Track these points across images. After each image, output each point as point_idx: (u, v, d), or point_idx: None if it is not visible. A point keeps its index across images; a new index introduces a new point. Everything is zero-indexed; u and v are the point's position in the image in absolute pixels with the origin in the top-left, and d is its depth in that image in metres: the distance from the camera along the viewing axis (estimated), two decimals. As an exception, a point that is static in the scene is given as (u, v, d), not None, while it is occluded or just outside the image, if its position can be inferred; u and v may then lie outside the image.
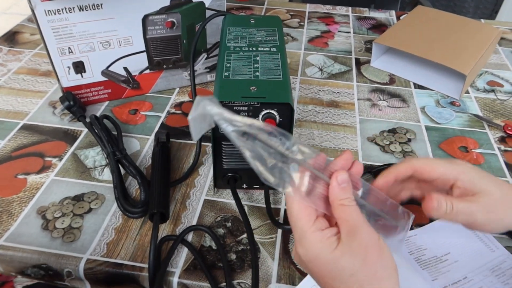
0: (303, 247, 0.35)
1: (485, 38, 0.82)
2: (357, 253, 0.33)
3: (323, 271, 0.34)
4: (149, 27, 0.66)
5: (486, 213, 0.39)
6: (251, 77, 0.51)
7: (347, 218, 0.34)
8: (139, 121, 0.68)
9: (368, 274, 0.33)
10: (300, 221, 0.35)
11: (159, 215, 0.50)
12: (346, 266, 0.33)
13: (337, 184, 0.35)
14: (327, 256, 0.33)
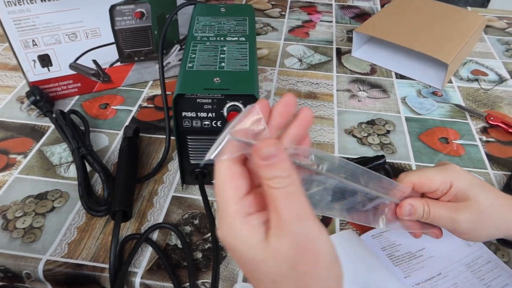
0: (222, 229, 0.27)
1: (469, 26, 0.80)
2: (284, 258, 0.25)
3: (241, 261, 0.27)
4: (117, 18, 0.64)
5: (470, 223, 0.38)
6: (216, 68, 0.48)
7: (279, 207, 0.25)
8: (109, 115, 0.66)
9: (297, 285, 0.26)
10: (223, 193, 0.27)
11: (121, 213, 0.48)
12: (269, 271, 0.26)
13: (260, 160, 0.25)
14: (247, 251, 0.26)
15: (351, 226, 0.51)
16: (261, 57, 0.79)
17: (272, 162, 0.25)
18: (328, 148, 0.61)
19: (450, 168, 0.40)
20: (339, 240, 0.47)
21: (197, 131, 0.48)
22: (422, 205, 0.39)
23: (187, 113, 0.47)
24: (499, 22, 0.94)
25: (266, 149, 0.25)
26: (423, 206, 0.39)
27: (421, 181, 0.40)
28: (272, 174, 0.25)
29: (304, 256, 0.25)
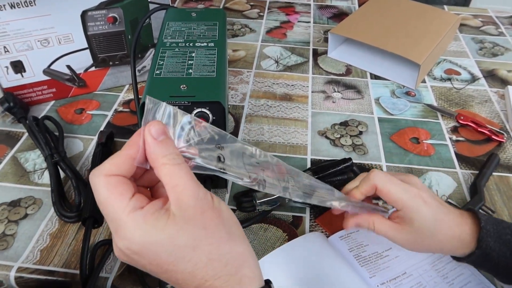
0: (124, 238, 0.27)
1: (443, 25, 0.81)
2: (194, 222, 0.27)
3: (158, 258, 0.28)
4: (90, 23, 0.64)
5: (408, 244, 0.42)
6: (183, 74, 0.49)
7: (175, 181, 0.28)
8: (85, 120, 0.66)
9: (212, 241, 0.28)
10: (110, 206, 0.28)
11: (92, 220, 0.49)
12: (185, 241, 0.27)
13: (152, 138, 0.28)
14: (158, 237, 0.27)
15: (320, 227, 0.52)
16: (238, 59, 0.80)
17: (164, 139, 0.28)
18: (301, 150, 0.61)
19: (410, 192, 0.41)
20: (306, 242, 0.48)
21: (166, 137, 0.49)
22: (367, 223, 0.43)
23: (155, 120, 0.48)
24: (474, 21, 0.96)
25: (157, 127, 0.28)
26: (368, 224, 0.43)
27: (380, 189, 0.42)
28: (166, 151, 0.28)
29: (210, 214, 0.28)
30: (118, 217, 0.27)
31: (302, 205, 0.53)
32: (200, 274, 0.28)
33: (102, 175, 0.28)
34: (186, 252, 0.27)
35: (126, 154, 0.29)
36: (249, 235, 0.51)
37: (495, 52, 0.85)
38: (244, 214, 0.53)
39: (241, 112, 0.68)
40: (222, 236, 0.29)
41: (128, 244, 0.27)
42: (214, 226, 0.28)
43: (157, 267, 0.28)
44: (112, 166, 0.28)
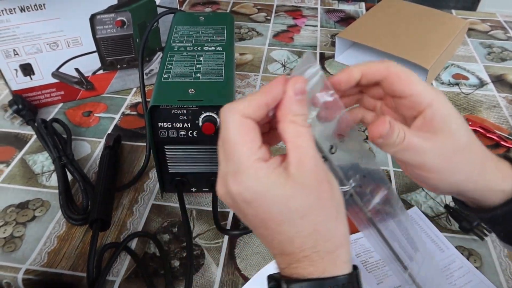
0: (240, 183, 0.27)
1: (451, 30, 0.81)
2: (311, 190, 0.27)
3: (267, 213, 0.27)
4: (98, 27, 0.64)
5: (440, 158, 0.31)
6: (191, 78, 0.49)
7: (299, 142, 0.27)
8: (92, 123, 0.67)
9: (322, 214, 0.27)
10: (239, 149, 0.27)
11: (99, 222, 0.49)
12: (298, 206, 0.27)
13: (293, 93, 0.27)
14: (276, 194, 0.26)
15: (327, 232, 0.51)
16: (245, 62, 0.80)
17: (301, 99, 0.28)
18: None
19: (435, 89, 0.32)
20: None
21: (174, 141, 0.49)
22: (398, 128, 0.30)
23: (163, 123, 0.48)
24: (483, 25, 0.95)
25: (301, 85, 0.28)
26: (398, 129, 0.30)
27: (399, 76, 0.31)
28: (300, 110, 0.27)
29: (324, 186, 0.27)
30: (243, 162, 0.27)
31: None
32: (299, 242, 0.27)
33: (238, 114, 0.27)
34: (295, 216, 0.27)
35: (263, 100, 0.28)
36: (256, 240, 0.50)
37: (503, 57, 0.85)
38: (250, 218, 0.53)
39: (248, 116, 0.68)
40: (331, 212, 0.28)
41: (242, 190, 0.27)
42: (327, 199, 0.28)
43: (261, 221, 0.28)
44: (249, 109, 0.28)
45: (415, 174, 0.33)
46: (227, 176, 0.28)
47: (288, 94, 0.28)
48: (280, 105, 0.28)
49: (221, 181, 0.29)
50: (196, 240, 0.51)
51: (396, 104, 0.33)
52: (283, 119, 0.28)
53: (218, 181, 0.29)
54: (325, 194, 0.27)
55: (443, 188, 0.34)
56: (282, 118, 0.28)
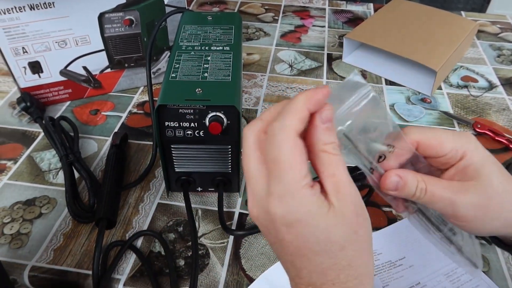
0: (285, 206, 0.26)
1: (460, 32, 0.80)
2: (350, 222, 0.26)
3: (306, 241, 0.26)
4: (106, 25, 0.65)
5: (475, 209, 0.30)
6: (198, 78, 0.49)
7: (332, 171, 0.27)
8: (99, 121, 0.67)
9: (357, 248, 0.27)
10: (291, 171, 0.26)
11: (105, 221, 0.49)
12: (339, 238, 0.26)
13: (321, 122, 0.27)
14: (318, 223, 0.26)
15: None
16: (252, 62, 0.80)
17: (329, 127, 0.27)
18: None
19: (466, 136, 0.32)
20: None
21: (180, 140, 0.49)
22: (416, 180, 0.30)
23: (170, 123, 0.48)
24: (492, 27, 0.94)
25: (329, 112, 0.27)
26: (416, 181, 0.30)
27: (429, 141, 0.31)
28: (329, 139, 0.27)
29: (361, 218, 0.27)
30: (293, 185, 0.26)
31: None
32: (332, 275, 0.27)
33: (294, 133, 0.26)
34: (333, 248, 0.26)
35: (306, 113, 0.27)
36: (261, 240, 0.50)
37: (513, 59, 0.84)
38: (256, 219, 0.53)
39: (255, 116, 0.68)
40: (366, 247, 0.28)
41: (286, 214, 0.26)
42: (363, 233, 0.27)
43: (296, 248, 0.27)
44: (300, 125, 0.27)
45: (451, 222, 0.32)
46: (270, 197, 0.27)
47: (315, 124, 0.27)
48: (308, 134, 0.27)
49: (258, 201, 0.27)
50: (201, 239, 0.51)
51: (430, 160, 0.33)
52: (312, 149, 0.27)
53: (252, 199, 0.28)
54: (361, 227, 0.27)
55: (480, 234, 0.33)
56: (311, 149, 0.27)
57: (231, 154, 0.50)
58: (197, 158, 0.51)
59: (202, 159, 0.51)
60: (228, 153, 0.50)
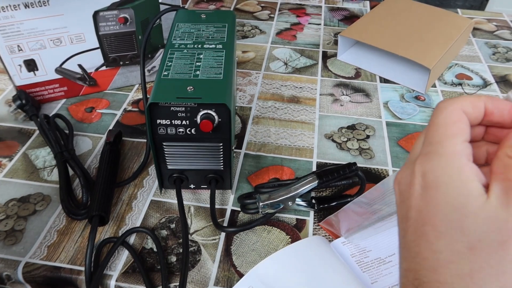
0: (429, 162, 0.24)
1: (455, 30, 0.80)
2: (503, 227, 0.21)
3: (434, 214, 0.23)
4: (101, 24, 0.65)
5: None
6: (190, 76, 0.49)
7: (510, 176, 0.22)
8: (94, 119, 0.67)
9: (492, 264, 0.22)
10: (444, 130, 0.24)
11: (98, 218, 0.49)
12: (472, 231, 0.22)
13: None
14: (459, 194, 0.22)
15: (324, 231, 0.52)
16: (247, 60, 0.80)
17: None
18: (307, 153, 0.61)
19: None
20: (309, 245, 0.48)
21: (172, 138, 0.50)
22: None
23: (162, 120, 0.48)
24: (488, 25, 0.94)
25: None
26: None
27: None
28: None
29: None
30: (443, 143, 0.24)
31: (306, 209, 0.53)
32: (443, 277, 0.23)
33: (457, 105, 0.25)
34: (462, 239, 0.22)
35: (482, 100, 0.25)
36: (252, 237, 0.51)
37: (509, 57, 0.84)
38: (248, 215, 0.53)
39: (249, 113, 0.68)
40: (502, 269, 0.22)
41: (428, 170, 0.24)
42: (506, 255, 0.22)
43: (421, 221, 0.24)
44: (467, 105, 0.25)
45: None
46: (418, 157, 0.25)
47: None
48: (504, 138, 0.24)
49: (407, 165, 0.25)
50: (193, 236, 0.51)
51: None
52: (503, 148, 0.24)
53: (403, 167, 0.26)
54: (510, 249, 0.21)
55: None
56: (503, 147, 0.24)
57: (223, 152, 0.51)
58: (189, 155, 0.52)
59: (194, 156, 0.52)
60: (220, 150, 0.51)
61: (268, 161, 0.60)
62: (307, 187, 0.51)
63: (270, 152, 0.62)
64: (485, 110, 0.25)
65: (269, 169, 0.59)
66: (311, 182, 0.51)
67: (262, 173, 0.59)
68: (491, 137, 0.27)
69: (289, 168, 0.59)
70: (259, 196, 0.51)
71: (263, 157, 0.61)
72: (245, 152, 0.62)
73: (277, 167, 0.59)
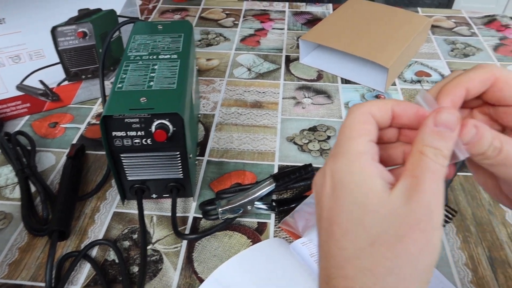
0: (336, 163, 0.25)
1: (413, 28, 0.82)
2: (401, 222, 0.22)
3: (339, 212, 0.24)
4: (60, 39, 0.65)
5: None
6: (144, 87, 0.50)
7: (419, 173, 0.23)
8: (58, 134, 0.67)
9: (394, 260, 0.22)
10: (349, 132, 0.25)
11: (57, 233, 0.50)
12: (373, 227, 0.23)
13: (433, 123, 0.24)
14: (361, 192, 0.23)
15: (284, 233, 0.53)
16: (211, 68, 0.81)
17: (443, 132, 0.24)
18: (269, 157, 0.62)
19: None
20: (267, 247, 0.49)
21: (129, 149, 0.50)
22: (491, 136, 0.25)
23: (117, 132, 0.49)
24: (448, 22, 0.97)
25: (447, 116, 0.24)
26: (491, 137, 0.25)
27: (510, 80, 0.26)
28: (436, 144, 0.24)
29: (418, 236, 0.22)
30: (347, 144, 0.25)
31: (267, 212, 0.54)
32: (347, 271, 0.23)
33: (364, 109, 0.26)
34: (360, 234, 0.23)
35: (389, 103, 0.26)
36: (214, 243, 0.51)
37: (466, 52, 0.86)
38: (210, 222, 0.54)
39: (212, 120, 0.69)
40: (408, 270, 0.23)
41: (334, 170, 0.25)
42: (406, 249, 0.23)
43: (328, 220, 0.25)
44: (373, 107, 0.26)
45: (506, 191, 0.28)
46: (329, 158, 0.26)
47: (425, 122, 0.24)
48: (418, 134, 0.25)
49: (323, 167, 0.27)
50: (155, 245, 0.52)
51: (497, 113, 0.28)
52: (413, 147, 0.25)
53: (320, 169, 0.27)
54: (412, 245, 0.22)
55: None
56: (413, 147, 0.25)
57: (181, 160, 0.52)
58: (148, 165, 0.52)
59: (153, 166, 0.52)
60: (178, 159, 0.51)
61: (230, 166, 0.61)
62: (265, 191, 0.52)
63: (232, 157, 0.63)
64: (393, 113, 0.27)
65: (231, 174, 0.60)
66: (269, 185, 0.52)
67: (224, 179, 0.59)
68: (405, 138, 0.28)
69: (251, 172, 0.60)
70: (219, 202, 0.52)
71: (226, 163, 0.62)
72: (208, 159, 0.62)
73: (239, 172, 0.60)
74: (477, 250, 0.51)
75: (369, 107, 0.26)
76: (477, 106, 0.29)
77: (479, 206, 0.56)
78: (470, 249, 0.51)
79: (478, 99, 0.28)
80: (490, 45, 0.88)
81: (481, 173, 0.30)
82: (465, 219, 0.54)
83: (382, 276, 0.22)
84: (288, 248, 0.50)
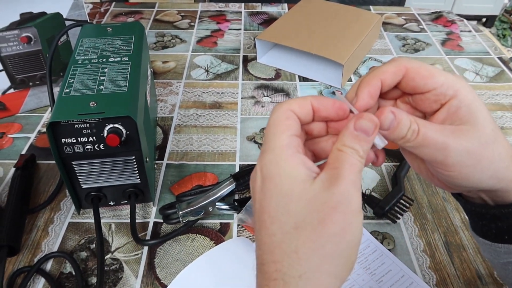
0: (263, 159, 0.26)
1: (365, 25, 0.84)
2: (322, 207, 0.24)
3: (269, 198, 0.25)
4: (2, 44, 0.62)
5: (465, 154, 0.28)
6: (94, 91, 0.48)
7: (338, 165, 0.26)
8: (6, 145, 0.64)
9: (314, 240, 0.24)
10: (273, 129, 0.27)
11: (6, 248, 0.47)
12: (297, 212, 0.24)
13: (353, 127, 0.26)
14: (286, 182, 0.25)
15: (248, 232, 0.52)
16: (168, 70, 0.80)
17: (361, 137, 0.26)
18: (229, 157, 0.62)
19: (457, 76, 0.29)
20: (231, 247, 0.49)
21: (81, 156, 0.48)
22: (409, 120, 0.27)
23: (67, 139, 0.46)
24: (398, 19, 1.00)
25: (366, 123, 0.26)
26: (409, 122, 0.27)
27: (419, 69, 0.28)
28: (353, 145, 0.26)
29: (338, 217, 0.24)
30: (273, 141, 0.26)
31: (229, 212, 0.54)
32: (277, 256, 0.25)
33: (285, 106, 0.28)
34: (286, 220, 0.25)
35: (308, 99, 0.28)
36: (176, 247, 0.50)
37: (417, 47, 0.90)
38: (171, 226, 0.53)
39: (170, 123, 0.68)
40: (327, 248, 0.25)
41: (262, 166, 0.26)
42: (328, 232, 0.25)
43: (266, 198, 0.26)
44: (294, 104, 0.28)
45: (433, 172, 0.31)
46: (259, 156, 0.27)
47: (347, 124, 0.27)
48: (339, 136, 0.27)
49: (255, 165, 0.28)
50: (115, 254, 0.50)
51: (415, 100, 0.30)
52: (334, 145, 0.27)
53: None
54: (331, 226, 0.24)
55: (463, 186, 0.31)
56: (335, 145, 0.27)
57: (137, 165, 0.50)
58: (103, 172, 0.50)
59: (108, 172, 0.50)
60: (133, 163, 0.50)
61: (191, 169, 0.60)
62: (225, 191, 0.51)
63: (193, 159, 0.61)
64: (313, 108, 0.29)
65: (192, 177, 0.59)
66: (229, 185, 0.51)
67: (185, 181, 0.58)
68: (333, 130, 0.31)
69: (212, 173, 0.59)
70: (179, 205, 0.51)
71: (186, 165, 0.61)
72: (167, 163, 0.61)
73: (200, 174, 0.59)
74: (434, 236, 0.52)
75: (290, 105, 0.28)
76: (399, 97, 0.32)
77: (434, 193, 0.58)
78: (428, 236, 0.52)
79: (398, 89, 0.30)
80: (438, 40, 0.92)
81: (413, 159, 0.33)
82: (422, 207, 0.56)
83: (306, 256, 0.24)
84: (251, 246, 0.49)
